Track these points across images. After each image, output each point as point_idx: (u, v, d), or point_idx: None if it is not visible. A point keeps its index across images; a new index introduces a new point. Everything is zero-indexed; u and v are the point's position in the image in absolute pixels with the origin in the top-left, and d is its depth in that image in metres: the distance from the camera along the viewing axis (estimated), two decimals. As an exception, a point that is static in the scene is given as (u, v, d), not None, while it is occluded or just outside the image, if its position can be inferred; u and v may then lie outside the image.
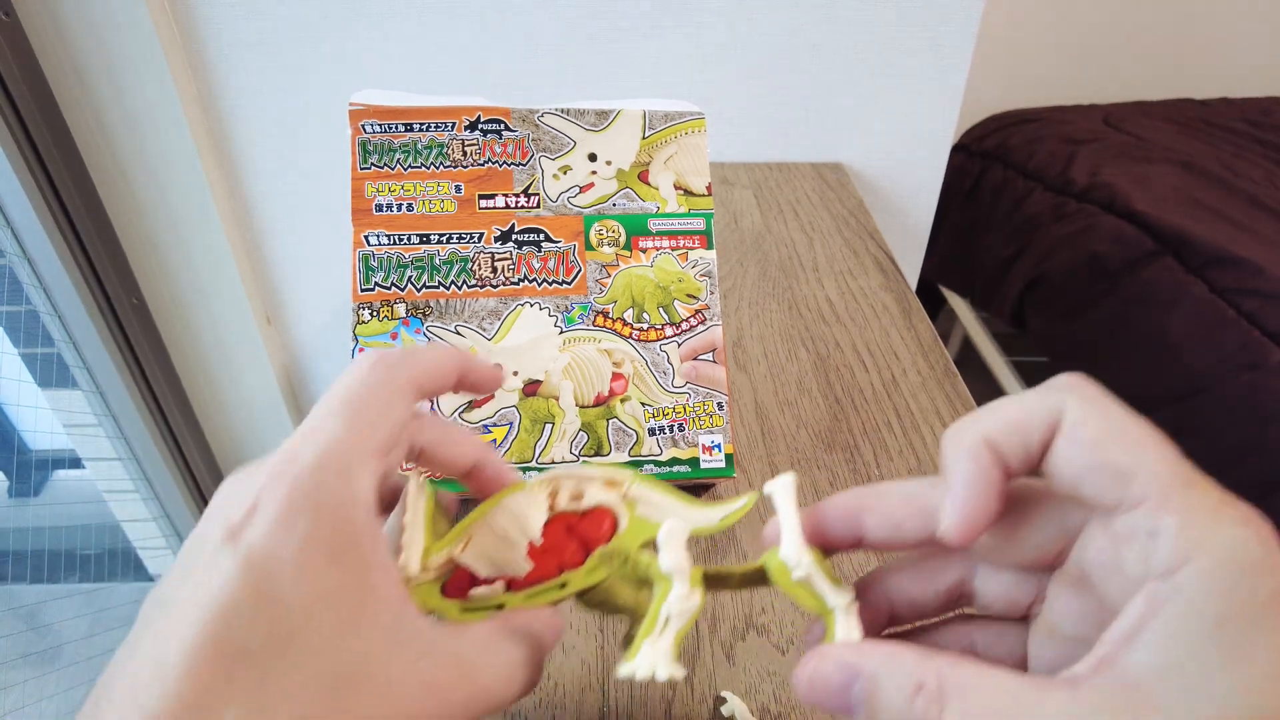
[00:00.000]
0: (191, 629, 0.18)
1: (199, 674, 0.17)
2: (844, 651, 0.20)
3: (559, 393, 0.40)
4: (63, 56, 0.79)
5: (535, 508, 0.26)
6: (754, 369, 0.54)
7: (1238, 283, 0.99)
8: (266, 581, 0.19)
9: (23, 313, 0.91)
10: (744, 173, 0.84)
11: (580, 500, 0.27)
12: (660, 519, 0.26)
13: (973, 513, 0.20)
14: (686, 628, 0.23)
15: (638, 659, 0.22)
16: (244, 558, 0.19)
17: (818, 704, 0.20)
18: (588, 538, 0.26)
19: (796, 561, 0.22)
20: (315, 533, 0.20)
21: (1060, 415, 0.19)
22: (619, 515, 0.26)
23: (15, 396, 1.02)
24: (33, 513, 1.21)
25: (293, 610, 0.19)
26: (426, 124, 0.41)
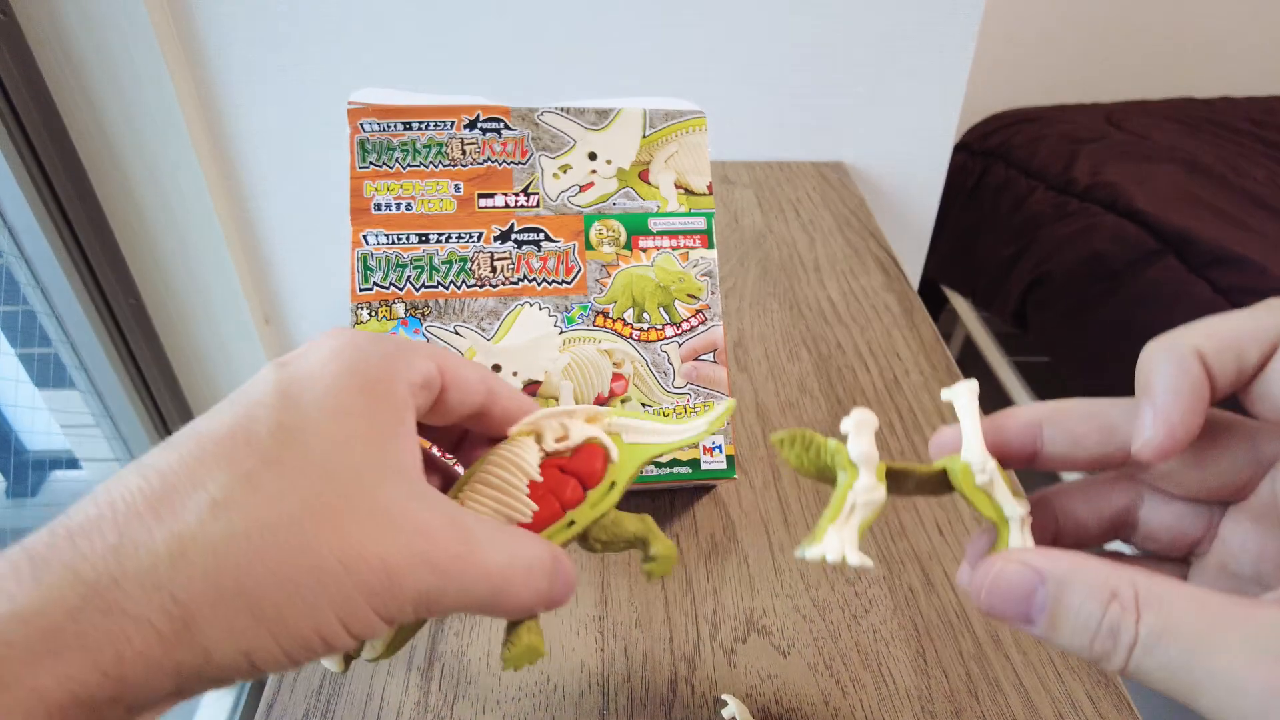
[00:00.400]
0: (212, 417, 0.19)
1: (204, 445, 0.18)
2: (1030, 555, 0.19)
3: (559, 393, 0.40)
4: (60, 55, 0.79)
5: (528, 450, 0.26)
6: (755, 369, 0.54)
7: (1240, 282, 0.99)
8: (294, 392, 0.20)
9: (20, 313, 0.91)
10: (745, 172, 0.84)
11: (566, 440, 0.27)
12: (649, 441, 0.27)
13: (1176, 427, 0.19)
14: (871, 519, 0.23)
15: (825, 541, 0.22)
16: (285, 373, 0.20)
17: (995, 611, 0.19)
18: (583, 473, 0.26)
19: (981, 466, 0.22)
20: (361, 370, 0.21)
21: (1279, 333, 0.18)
22: (608, 447, 0.27)
23: (13, 397, 1.02)
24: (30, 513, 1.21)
25: (310, 415, 0.19)
26: (425, 123, 0.41)
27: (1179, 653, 0.16)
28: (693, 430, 0.27)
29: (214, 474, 0.18)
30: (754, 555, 0.40)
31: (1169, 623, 0.17)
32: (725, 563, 0.40)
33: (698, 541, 0.41)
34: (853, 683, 0.34)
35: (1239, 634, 0.16)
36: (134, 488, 0.17)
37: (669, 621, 0.37)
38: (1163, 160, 1.26)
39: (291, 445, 0.19)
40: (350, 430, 0.20)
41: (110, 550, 0.16)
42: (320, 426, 0.19)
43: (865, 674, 0.34)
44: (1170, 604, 0.17)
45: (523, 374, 0.39)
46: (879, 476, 0.23)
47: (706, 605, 0.37)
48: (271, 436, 0.19)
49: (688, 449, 0.27)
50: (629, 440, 0.27)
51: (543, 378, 0.40)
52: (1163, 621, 0.17)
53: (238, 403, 0.19)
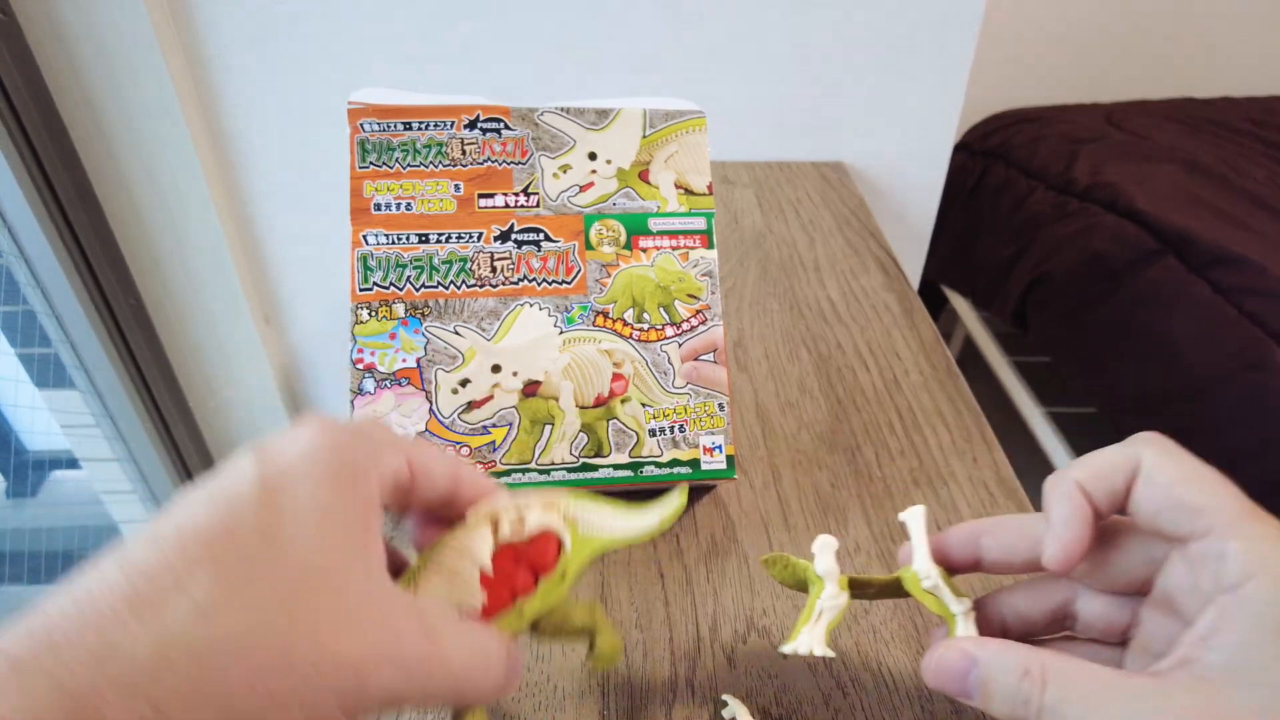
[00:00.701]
0: (193, 512, 0.19)
1: (185, 543, 0.19)
2: (965, 642, 0.25)
3: (559, 393, 0.40)
4: (60, 55, 0.79)
5: (481, 539, 0.27)
6: (755, 369, 0.54)
7: (1240, 282, 0.99)
8: (276, 490, 0.20)
9: (20, 313, 0.91)
10: (745, 172, 0.84)
11: (522, 527, 0.27)
12: (601, 533, 0.28)
13: (1069, 544, 0.24)
14: (836, 620, 0.29)
15: (798, 640, 0.28)
16: (265, 470, 0.21)
17: (942, 688, 0.25)
18: (536, 563, 0.27)
19: (926, 573, 0.28)
20: (334, 470, 0.21)
21: (1139, 463, 0.23)
22: (563, 537, 0.28)
23: (13, 397, 1.02)
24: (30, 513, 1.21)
25: (289, 516, 0.20)
26: (425, 123, 0.41)
27: (1073, 715, 0.21)
28: (646, 524, 0.28)
29: (197, 576, 0.18)
30: (754, 555, 0.40)
31: (1065, 693, 0.22)
32: (725, 563, 0.40)
33: (698, 541, 0.41)
34: (852, 683, 0.34)
35: (1114, 699, 0.21)
36: (116, 586, 0.18)
37: (669, 621, 0.37)
38: (1163, 160, 1.26)
39: (271, 547, 0.19)
40: (326, 532, 0.20)
41: (92, 656, 0.16)
42: (299, 528, 0.20)
43: (865, 674, 0.34)
44: (1067, 677, 0.22)
45: (523, 374, 0.39)
46: (842, 586, 0.29)
47: (706, 605, 0.37)
48: (253, 537, 0.19)
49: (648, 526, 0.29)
50: (583, 531, 0.28)
51: (543, 378, 0.40)
52: (1061, 692, 0.22)
53: (219, 497, 0.20)
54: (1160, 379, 1.03)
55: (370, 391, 0.39)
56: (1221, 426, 0.95)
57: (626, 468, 0.39)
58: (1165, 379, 1.02)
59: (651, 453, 0.40)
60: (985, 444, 0.47)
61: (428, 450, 0.26)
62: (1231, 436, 0.94)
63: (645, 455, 0.40)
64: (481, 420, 0.39)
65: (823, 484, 0.44)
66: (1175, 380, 1.01)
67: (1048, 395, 1.34)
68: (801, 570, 0.30)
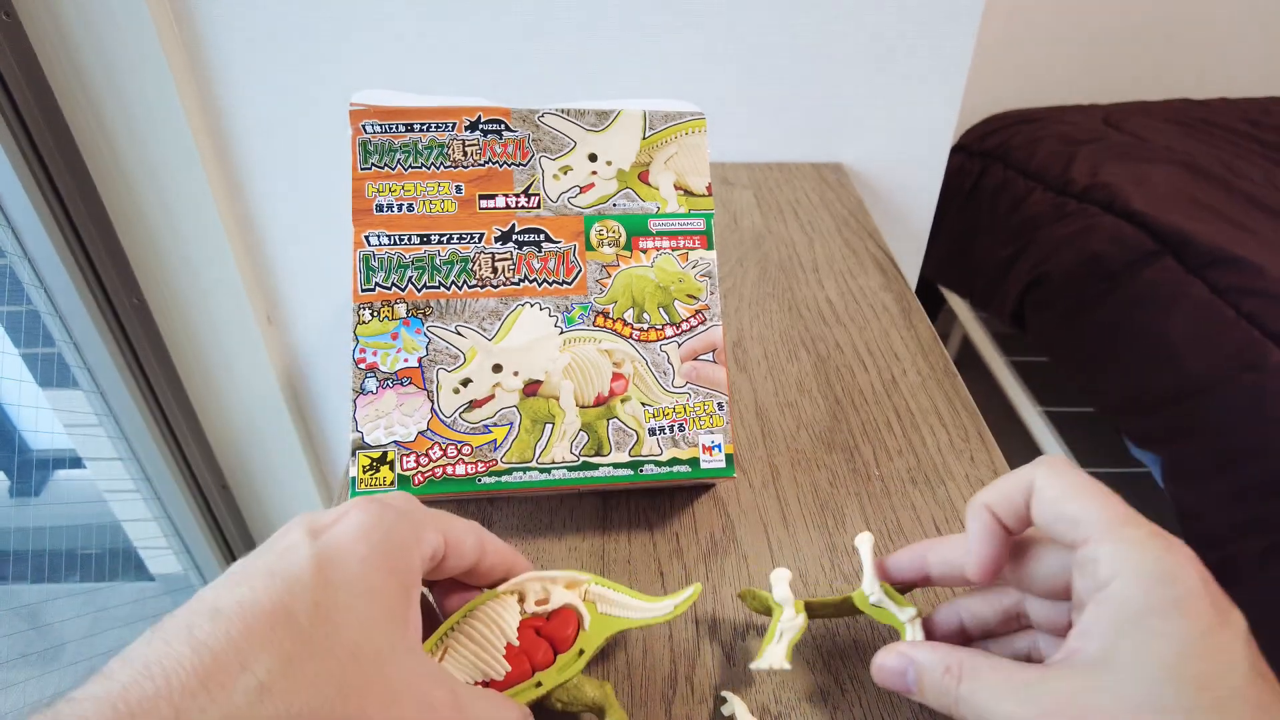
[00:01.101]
0: (254, 588, 0.21)
1: (248, 621, 0.20)
2: (902, 646, 0.29)
3: (559, 393, 0.40)
4: (63, 56, 0.80)
5: (509, 611, 0.30)
6: (754, 369, 0.54)
7: (1238, 283, 0.99)
8: (330, 569, 0.22)
9: (23, 313, 0.91)
10: (744, 173, 0.84)
11: (546, 603, 0.30)
12: (620, 615, 0.31)
13: (982, 559, 0.28)
14: (796, 638, 0.33)
15: (764, 658, 0.32)
16: (320, 549, 0.23)
17: (886, 685, 0.29)
18: (556, 638, 0.30)
19: (872, 591, 0.32)
20: (383, 550, 0.24)
21: (1032, 483, 0.27)
22: (582, 615, 0.31)
23: (16, 396, 1.02)
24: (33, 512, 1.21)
25: (342, 596, 0.22)
26: (427, 124, 0.41)
27: (981, 704, 0.25)
28: (660, 610, 0.32)
29: (259, 656, 0.20)
30: (753, 554, 0.40)
31: (975, 685, 0.26)
32: (724, 561, 0.40)
33: (697, 540, 0.41)
34: (851, 680, 0.34)
35: (1012, 688, 0.25)
36: (186, 662, 0.19)
37: (669, 620, 0.37)
38: (1160, 161, 1.26)
39: (325, 626, 0.21)
40: (374, 612, 0.23)
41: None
42: (350, 609, 0.22)
43: (864, 671, 0.35)
44: (978, 672, 0.26)
45: (523, 374, 0.40)
46: (799, 609, 0.33)
47: (706, 603, 0.38)
48: (309, 618, 0.21)
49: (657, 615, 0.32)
50: (602, 610, 0.31)
51: (543, 377, 0.40)
52: (971, 684, 0.26)
53: (278, 575, 0.22)
54: (1158, 379, 1.03)
55: (372, 391, 0.39)
56: (1219, 427, 0.96)
57: (626, 466, 0.40)
58: (1163, 379, 1.02)
59: (651, 452, 0.40)
60: (983, 443, 0.48)
61: (459, 525, 0.29)
62: (1229, 437, 0.94)
63: (645, 454, 0.40)
64: (483, 419, 0.39)
65: (821, 483, 0.45)
66: (1173, 380, 1.01)
67: (1045, 395, 1.34)
68: (765, 599, 0.34)
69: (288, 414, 1.08)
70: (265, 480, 1.17)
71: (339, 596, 0.22)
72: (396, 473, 0.38)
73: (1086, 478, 0.26)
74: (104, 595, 1.21)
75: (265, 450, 1.13)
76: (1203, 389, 0.98)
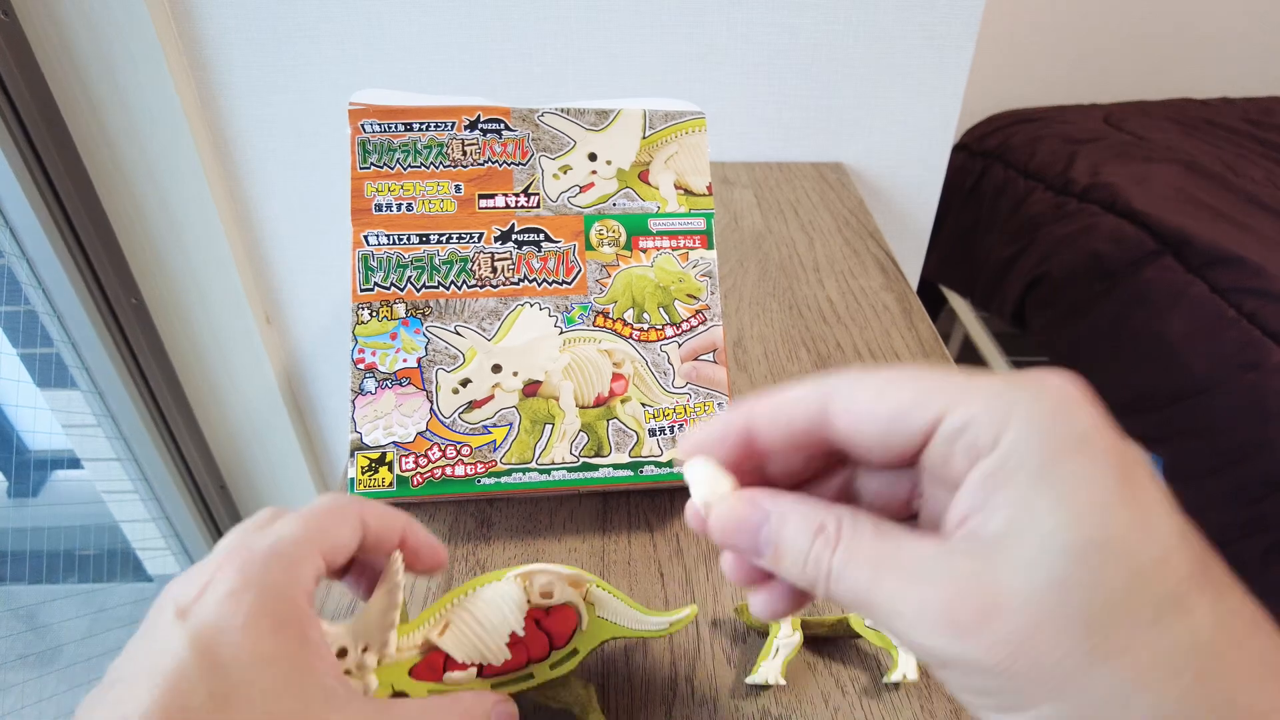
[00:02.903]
0: (144, 695, 0.19)
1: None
2: (758, 493, 0.22)
3: (559, 393, 0.40)
4: (62, 56, 0.79)
5: (517, 599, 0.29)
6: (754, 369, 0.54)
7: (1238, 282, 0.99)
8: (212, 649, 0.21)
9: (21, 313, 0.91)
10: (744, 172, 0.84)
11: (550, 597, 0.30)
12: (616, 621, 0.31)
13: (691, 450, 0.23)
14: (791, 655, 0.34)
15: (759, 673, 0.33)
16: (193, 630, 0.21)
17: (729, 543, 0.22)
18: (554, 633, 0.29)
19: None
20: (260, 607, 0.22)
21: (826, 399, 0.21)
22: (581, 614, 0.30)
23: (14, 397, 1.02)
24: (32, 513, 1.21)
25: (235, 672, 0.21)
26: (426, 124, 0.41)
27: (860, 579, 0.19)
28: (656, 624, 0.31)
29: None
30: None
31: (854, 555, 0.20)
32: (725, 562, 0.40)
33: (698, 541, 0.41)
34: (852, 682, 0.34)
35: (899, 564, 0.19)
36: None
37: (669, 620, 0.37)
38: (1161, 161, 1.26)
39: (226, 710, 0.20)
40: (275, 679, 0.21)
41: None
42: (249, 686, 0.20)
43: (864, 673, 0.35)
44: (860, 536, 0.20)
45: (523, 374, 0.40)
46: (795, 627, 0.34)
47: (706, 604, 0.38)
48: (206, 708, 0.20)
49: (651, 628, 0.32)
50: (599, 614, 0.31)
51: (543, 377, 0.40)
52: (850, 552, 0.20)
53: (159, 676, 0.20)
54: (1158, 379, 1.03)
55: (371, 391, 0.39)
56: (1220, 426, 0.95)
57: (626, 467, 0.40)
58: (1163, 379, 1.02)
59: (651, 452, 0.40)
60: (983, 443, 0.47)
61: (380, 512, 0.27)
62: (1229, 436, 0.94)
63: (645, 455, 0.40)
64: (482, 420, 0.39)
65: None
66: (1173, 380, 1.01)
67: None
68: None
69: (286, 414, 1.07)
70: (264, 481, 1.17)
71: (232, 676, 0.20)
72: (395, 474, 0.38)
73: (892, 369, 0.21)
74: (102, 596, 1.21)
75: (264, 451, 1.13)
76: (1203, 388, 0.98)
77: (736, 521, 0.22)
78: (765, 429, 0.22)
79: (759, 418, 0.22)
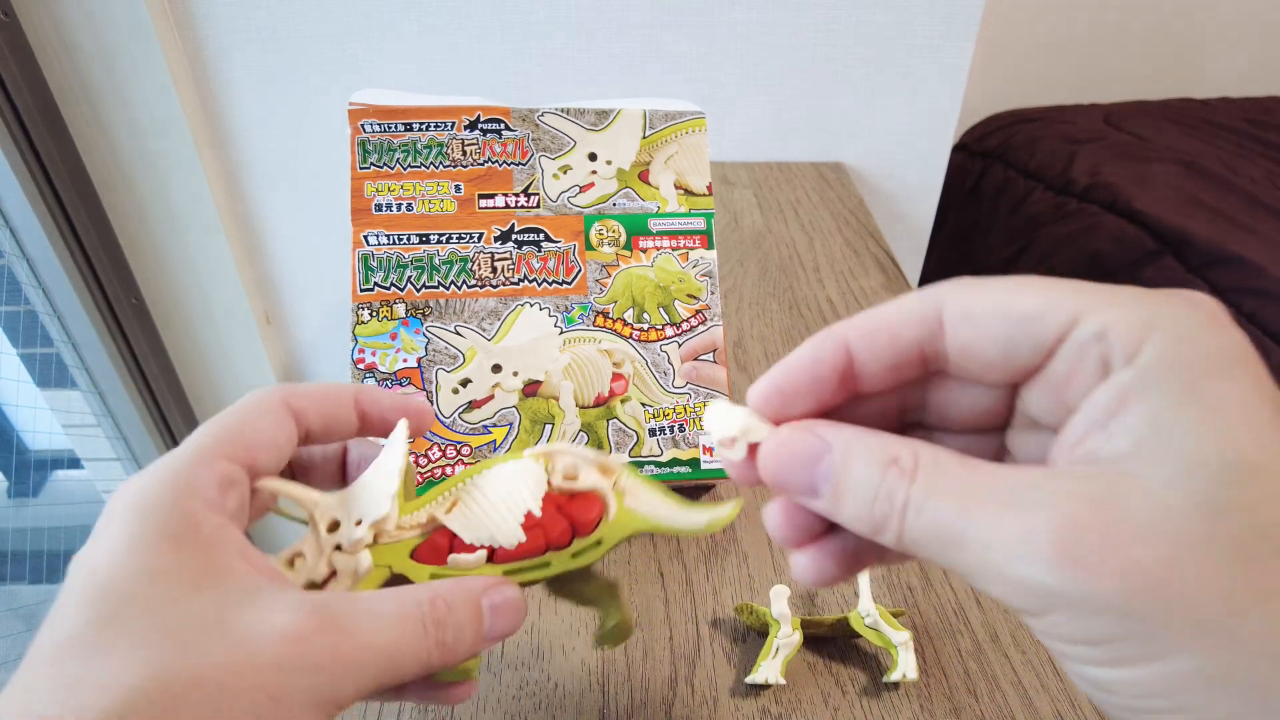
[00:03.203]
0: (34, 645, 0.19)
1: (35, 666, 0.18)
2: (818, 424, 0.19)
3: (559, 393, 0.40)
4: (62, 56, 0.79)
5: (535, 480, 0.26)
6: (755, 369, 0.54)
7: (1238, 282, 0.99)
8: (92, 580, 0.19)
9: (21, 313, 0.91)
10: (744, 172, 0.84)
11: (574, 481, 0.26)
12: (649, 514, 0.26)
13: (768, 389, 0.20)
14: (791, 654, 0.34)
15: (759, 672, 0.33)
16: (75, 569, 0.20)
17: (780, 478, 0.19)
18: (577, 520, 0.25)
19: (867, 612, 0.34)
20: (144, 527, 0.20)
21: (939, 308, 0.19)
22: (609, 502, 0.26)
23: (14, 397, 1.02)
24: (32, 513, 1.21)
25: (118, 593, 0.19)
26: (426, 124, 0.41)
27: (945, 510, 0.17)
28: (692, 520, 0.26)
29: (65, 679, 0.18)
30: (753, 555, 0.40)
31: (939, 483, 0.17)
32: (725, 562, 0.40)
33: (697, 541, 0.41)
34: (851, 681, 0.34)
35: (995, 491, 0.16)
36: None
37: (669, 620, 0.37)
38: (1161, 160, 1.26)
39: (116, 626, 0.18)
40: (171, 589, 0.19)
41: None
42: (134, 602, 0.19)
43: (863, 673, 0.35)
44: (943, 467, 0.17)
45: (523, 374, 0.40)
46: (795, 627, 0.34)
47: (706, 604, 0.38)
48: (93, 629, 0.18)
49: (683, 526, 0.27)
50: (629, 505, 0.26)
51: (543, 377, 0.40)
52: (933, 482, 0.17)
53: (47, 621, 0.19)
54: (1159, 379, 1.03)
55: (372, 391, 0.39)
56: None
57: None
58: (1164, 379, 1.02)
59: (651, 452, 0.40)
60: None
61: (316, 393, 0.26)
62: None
63: (645, 455, 0.40)
64: (482, 420, 0.39)
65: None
66: (1174, 380, 1.01)
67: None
68: (763, 615, 0.35)
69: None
70: (264, 480, 1.16)
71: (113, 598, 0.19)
72: (395, 473, 0.38)
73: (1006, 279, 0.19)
74: (103, 596, 1.21)
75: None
76: (1203, 389, 0.98)
77: (791, 453, 0.19)
78: (863, 350, 0.19)
79: (856, 338, 0.19)
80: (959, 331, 0.18)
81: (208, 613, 0.19)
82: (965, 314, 0.18)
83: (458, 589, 0.23)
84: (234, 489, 0.23)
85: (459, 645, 0.22)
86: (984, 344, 0.18)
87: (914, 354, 0.19)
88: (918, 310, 0.19)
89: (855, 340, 0.19)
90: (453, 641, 0.22)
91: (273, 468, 0.24)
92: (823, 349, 0.19)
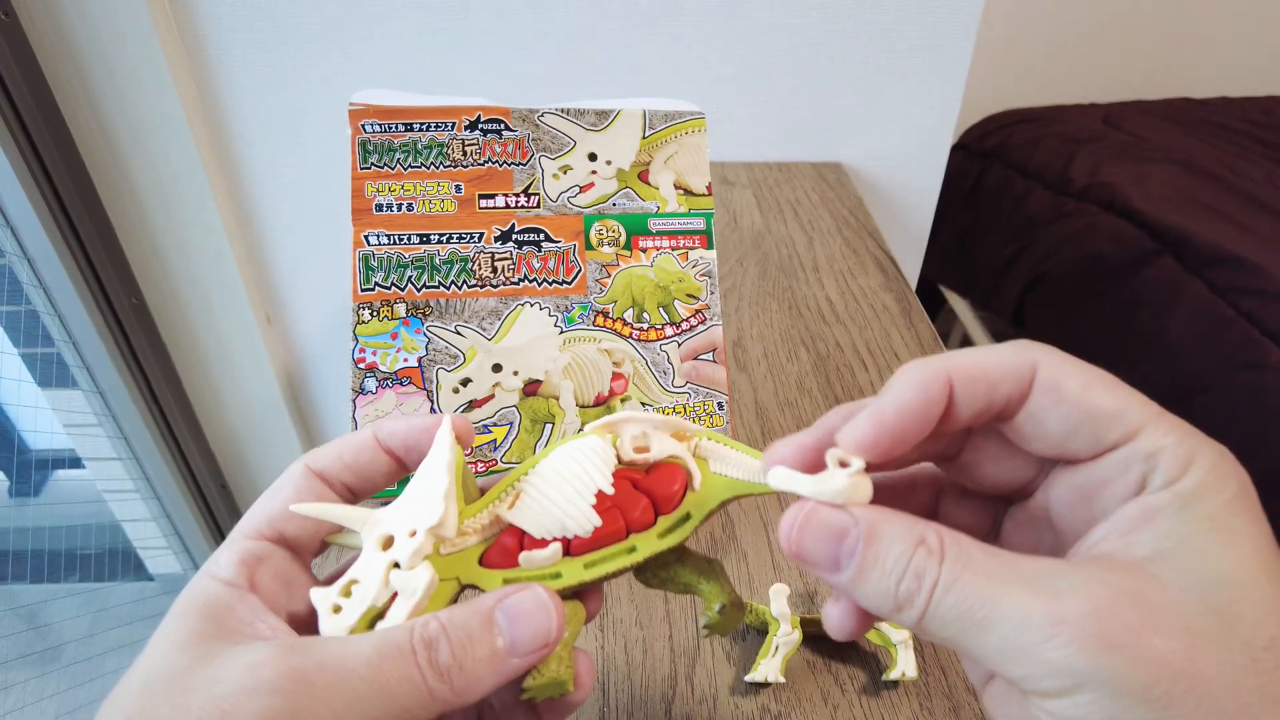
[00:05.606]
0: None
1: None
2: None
3: (559, 392, 0.40)
4: (63, 56, 0.79)
5: (602, 456, 0.23)
6: (754, 369, 0.54)
7: (1237, 282, 0.99)
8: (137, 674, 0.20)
9: (23, 312, 0.91)
10: (744, 172, 0.84)
11: (646, 452, 0.23)
12: (740, 477, 0.23)
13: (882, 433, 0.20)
14: (791, 653, 0.34)
15: (758, 671, 0.33)
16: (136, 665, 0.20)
17: (804, 552, 0.19)
18: (658, 496, 0.23)
19: None
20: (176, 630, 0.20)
21: (1034, 371, 0.19)
22: (692, 472, 0.23)
23: (15, 396, 1.02)
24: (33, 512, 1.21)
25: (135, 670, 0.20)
26: (426, 124, 0.41)
27: (975, 591, 0.17)
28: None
29: None
30: (753, 554, 0.40)
31: (967, 564, 0.18)
32: (725, 561, 0.40)
33: (697, 539, 0.41)
34: (851, 680, 0.34)
35: (1022, 575, 0.17)
36: None
37: (669, 619, 0.37)
38: (1160, 160, 1.26)
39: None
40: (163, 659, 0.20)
41: None
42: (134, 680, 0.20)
43: (863, 671, 0.35)
44: (968, 550, 0.18)
45: (523, 373, 0.40)
46: (794, 625, 0.34)
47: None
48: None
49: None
50: (715, 470, 0.23)
51: (543, 377, 0.40)
52: (962, 563, 0.18)
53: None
54: (1157, 378, 1.03)
55: (372, 391, 0.39)
56: (1219, 426, 0.96)
57: (626, 466, 0.40)
58: (1162, 378, 1.02)
59: (651, 451, 0.40)
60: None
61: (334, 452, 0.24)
62: (1228, 436, 0.94)
63: (645, 454, 0.40)
64: (482, 419, 0.39)
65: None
66: (1172, 379, 1.01)
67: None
68: (762, 613, 0.35)
69: (287, 414, 1.08)
70: (264, 480, 1.17)
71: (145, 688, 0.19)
72: (396, 473, 0.38)
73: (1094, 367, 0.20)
74: (103, 595, 1.21)
75: (264, 450, 1.13)
76: (1202, 388, 0.98)
77: (816, 527, 0.19)
78: (963, 395, 0.20)
79: (960, 382, 0.20)
80: (1040, 400, 0.19)
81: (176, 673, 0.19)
82: (1053, 386, 0.19)
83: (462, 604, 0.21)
84: (263, 563, 0.22)
85: (467, 664, 0.20)
86: (1055, 421, 0.19)
87: (1000, 406, 0.20)
88: (1015, 366, 0.20)
89: (959, 384, 0.20)
90: (453, 660, 0.20)
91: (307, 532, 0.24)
92: (932, 391, 0.20)
